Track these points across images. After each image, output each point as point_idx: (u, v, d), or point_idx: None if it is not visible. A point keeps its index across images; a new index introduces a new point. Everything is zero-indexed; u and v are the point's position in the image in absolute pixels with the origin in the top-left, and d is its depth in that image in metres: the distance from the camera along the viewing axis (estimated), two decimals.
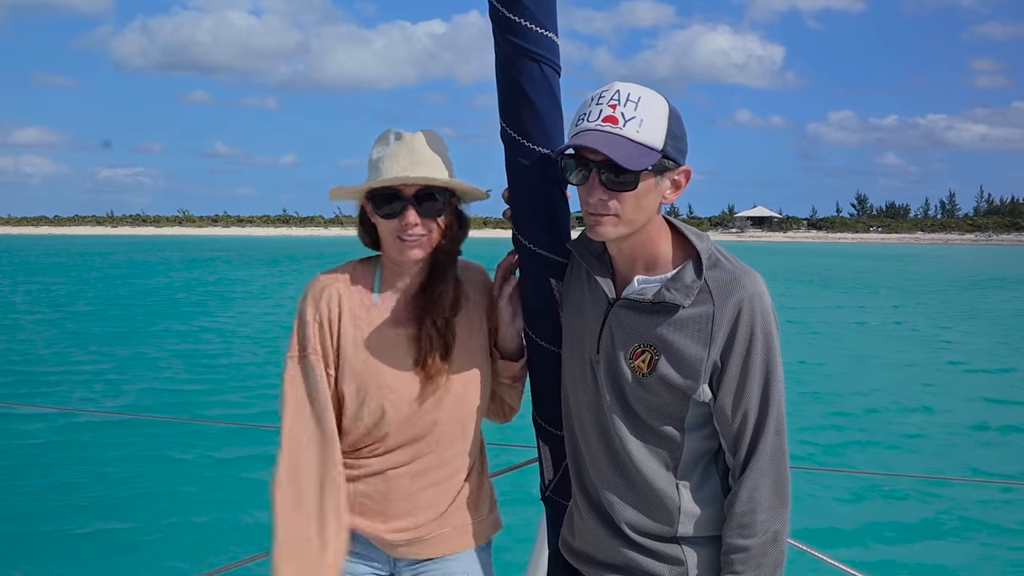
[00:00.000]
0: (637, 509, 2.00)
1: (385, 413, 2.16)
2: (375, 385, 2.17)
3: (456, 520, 2.25)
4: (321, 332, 2.18)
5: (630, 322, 1.97)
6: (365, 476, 2.20)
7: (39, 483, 9.59)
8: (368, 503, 2.20)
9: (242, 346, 20.18)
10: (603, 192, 1.88)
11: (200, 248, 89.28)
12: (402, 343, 2.20)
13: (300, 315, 2.20)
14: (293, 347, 2.19)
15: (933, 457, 11.14)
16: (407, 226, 2.10)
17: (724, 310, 1.89)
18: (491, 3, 2.12)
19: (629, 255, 2.00)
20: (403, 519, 2.20)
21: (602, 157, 1.84)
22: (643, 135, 1.85)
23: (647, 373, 1.93)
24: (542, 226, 2.20)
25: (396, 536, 2.20)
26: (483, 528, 2.32)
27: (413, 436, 2.19)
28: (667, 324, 1.92)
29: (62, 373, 16.28)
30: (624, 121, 1.85)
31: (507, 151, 2.19)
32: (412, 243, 2.12)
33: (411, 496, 2.20)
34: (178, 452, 10.82)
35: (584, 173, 1.91)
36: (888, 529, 8.49)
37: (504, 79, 2.16)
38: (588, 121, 1.88)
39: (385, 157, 2.13)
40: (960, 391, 15.51)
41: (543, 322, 2.23)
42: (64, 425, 11.92)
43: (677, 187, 1.97)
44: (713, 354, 1.89)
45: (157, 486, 9.54)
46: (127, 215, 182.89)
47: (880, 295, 34.46)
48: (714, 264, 1.93)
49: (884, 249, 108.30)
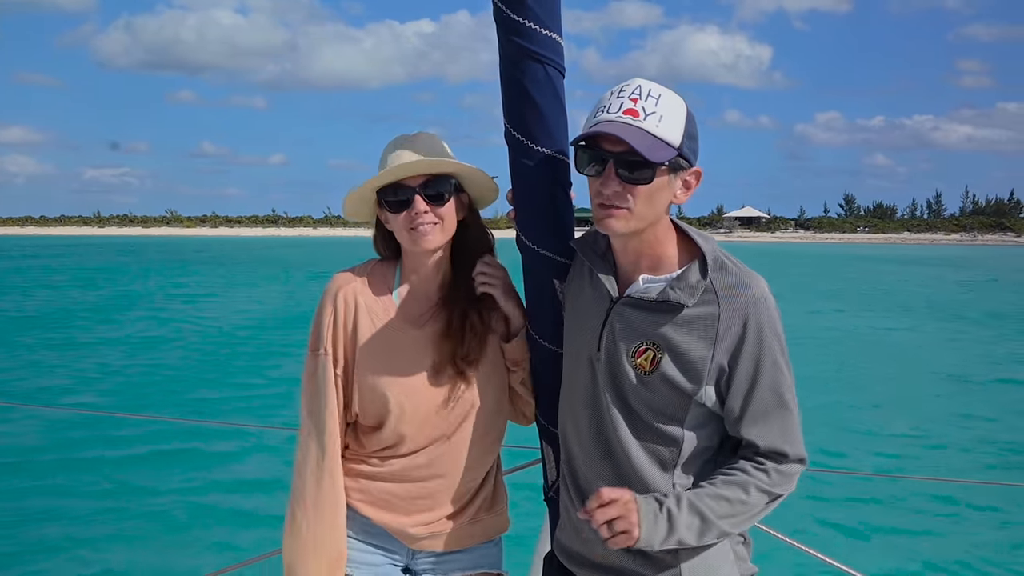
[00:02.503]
0: None
1: (407, 415, 2.19)
2: (396, 385, 2.19)
3: (475, 515, 2.31)
4: (335, 331, 2.20)
5: (633, 320, 1.97)
6: (389, 475, 2.24)
7: (38, 483, 9.55)
8: (393, 500, 2.24)
9: (241, 345, 20.14)
10: (618, 184, 1.88)
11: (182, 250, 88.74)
12: (423, 342, 2.22)
13: (317, 313, 2.23)
14: (310, 344, 2.24)
15: (932, 459, 11.19)
16: (417, 215, 2.13)
17: (730, 312, 1.89)
18: (495, 4, 2.12)
19: (634, 254, 2.00)
20: (426, 513, 2.25)
21: (620, 148, 1.85)
22: (662, 130, 1.87)
23: (649, 372, 1.94)
24: (546, 227, 2.20)
25: (419, 530, 2.25)
26: (500, 523, 2.38)
27: (436, 435, 2.22)
28: (671, 324, 1.92)
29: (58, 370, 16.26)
30: (645, 115, 1.86)
31: (511, 152, 2.20)
32: (425, 231, 2.14)
33: (435, 494, 2.25)
34: (177, 452, 10.81)
35: (599, 165, 1.91)
36: (889, 530, 8.54)
37: (508, 80, 2.16)
38: (608, 113, 1.89)
39: (389, 158, 2.18)
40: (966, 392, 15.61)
41: (546, 323, 2.23)
42: (60, 424, 11.89)
43: (687, 187, 1.98)
44: (718, 357, 1.90)
45: (156, 486, 9.52)
46: (114, 215, 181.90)
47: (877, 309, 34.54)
48: (720, 266, 1.94)
49: (871, 249, 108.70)
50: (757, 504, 1.91)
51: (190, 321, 24.97)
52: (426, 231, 2.14)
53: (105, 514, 8.68)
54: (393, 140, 2.23)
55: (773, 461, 1.92)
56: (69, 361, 17.67)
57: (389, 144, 2.23)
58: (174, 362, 17.82)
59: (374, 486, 2.24)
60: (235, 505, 8.99)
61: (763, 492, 1.90)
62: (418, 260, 2.24)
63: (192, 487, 9.56)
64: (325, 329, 2.21)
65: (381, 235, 2.30)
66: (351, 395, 2.23)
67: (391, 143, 2.22)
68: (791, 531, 1.93)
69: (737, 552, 2.05)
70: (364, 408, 2.22)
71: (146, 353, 18.85)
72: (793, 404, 1.95)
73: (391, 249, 2.30)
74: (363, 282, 2.25)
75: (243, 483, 9.65)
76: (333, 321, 2.21)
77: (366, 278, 2.26)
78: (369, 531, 2.26)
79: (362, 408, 2.23)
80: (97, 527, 8.34)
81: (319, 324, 2.22)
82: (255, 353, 18.95)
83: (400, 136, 2.24)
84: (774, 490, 1.91)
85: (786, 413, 1.93)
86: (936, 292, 38.88)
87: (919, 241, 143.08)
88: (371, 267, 2.29)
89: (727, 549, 2.02)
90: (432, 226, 2.15)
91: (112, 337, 21.41)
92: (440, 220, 2.16)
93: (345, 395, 2.23)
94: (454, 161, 2.18)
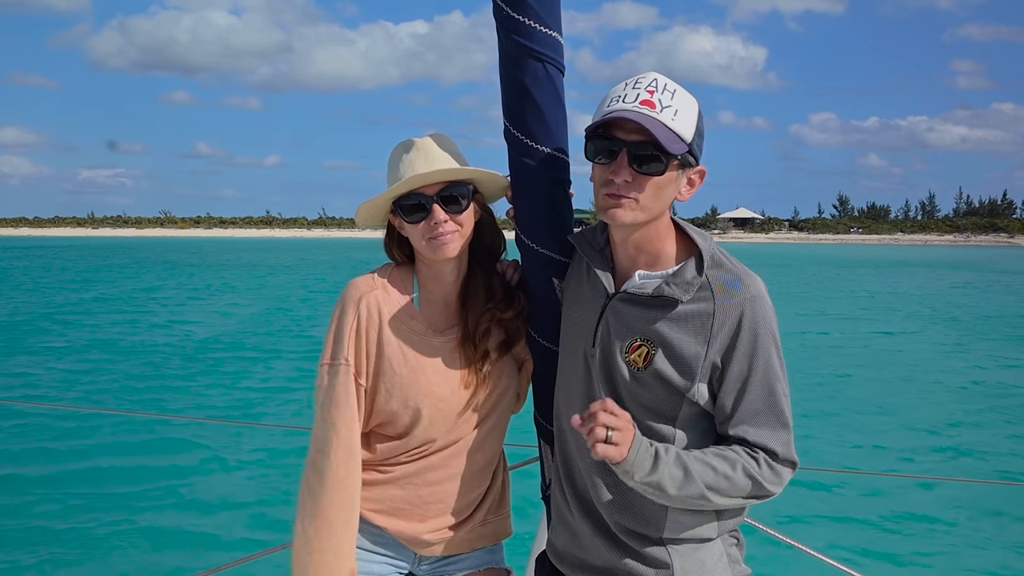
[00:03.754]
0: (623, 508, 1.99)
1: (434, 422, 2.16)
2: (425, 394, 2.14)
3: (485, 517, 2.29)
4: (358, 340, 2.13)
5: (628, 316, 1.97)
6: (402, 480, 2.20)
7: (37, 483, 9.50)
8: (405, 507, 2.20)
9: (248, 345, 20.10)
10: (629, 173, 1.87)
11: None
12: (447, 348, 2.18)
13: (337, 321, 2.15)
14: (326, 353, 2.15)
15: (926, 457, 11.21)
16: (437, 224, 2.08)
17: (726, 310, 1.89)
18: (495, 2, 2.12)
19: (633, 248, 1.99)
20: (439, 518, 2.22)
21: (636, 137, 1.84)
22: (677, 124, 1.86)
23: (642, 367, 1.93)
24: (546, 226, 2.19)
25: (434, 535, 2.22)
26: (505, 526, 2.36)
27: (454, 438, 2.20)
28: (665, 319, 1.92)
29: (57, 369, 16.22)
30: (661, 107, 1.86)
31: (511, 151, 2.19)
32: (445, 240, 2.09)
33: (447, 497, 2.22)
34: (177, 451, 10.77)
35: (611, 153, 1.89)
36: (883, 528, 8.54)
37: (508, 78, 2.16)
38: (624, 102, 1.87)
39: (401, 165, 2.11)
40: (962, 392, 15.64)
41: (545, 321, 2.23)
42: (63, 422, 11.85)
43: (692, 185, 1.98)
44: (712, 354, 1.89)
45: (155, 485, 9.48)
46: (108, 216, 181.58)
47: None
48: (716, 264, 1.94)
49: (865, 251, 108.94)
50: (741, 484, 1.87)
51: (171, 322, 24.90)
52: (446, 240, 2.08)
53: (104, 515, 8.65)
54: (402, 144, 2.16)
55: (765, 454, 1.91)
56: (46, 361, 17.57)
57: (399, 148, 2.16)
58: (148, 362, 17.71)
59: (386, 494, 2.20)
60: (235, 503, 8.97)
61: (749, 477, 1.87)
62: (436, 265, 2.17)
63: (193, 485, 9.53)
64: (347, 338, 2.12)
65: (394, 240, 2.22)
66: (372, 405, 2.16)
67: (402, 147, 2.15)
68: (785, 530, 1.92)
69: (730, 554, 2.04)
70: (392, 418, 2.16)
71: (119, 353, 18.74)
72: (786, 405, 1.93)
73: (405, 254, 2.23)
74: (384, 289, 2.17)
75: (246, 480, 9.63)
76: (356, 330, 2.12)
77: (386, 285, 2.18)
78: (378, 540, 2.23)
79: (389, 418, 2.16)
80: (96, 527, 8.30)
81: (339, 333, 2.13)
82: (234, 356, 18.89)
83: (410, 141, 2.15)
84: (761, 480, 1.88)
85: (778, 413, 1.92)
86: (910, 296, 38.92)
87: (912, 242, 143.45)
88: (389, 273, 2.22)
89: (720, 551, 2.02)
90: (452, 235, 2.09)
91: (99, 338, 21.30)
92: (459, 227, 2.11)
93: (365, 406, 2.16)
94: (472, 168, 2.13)
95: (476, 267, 2.23)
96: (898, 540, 8.28)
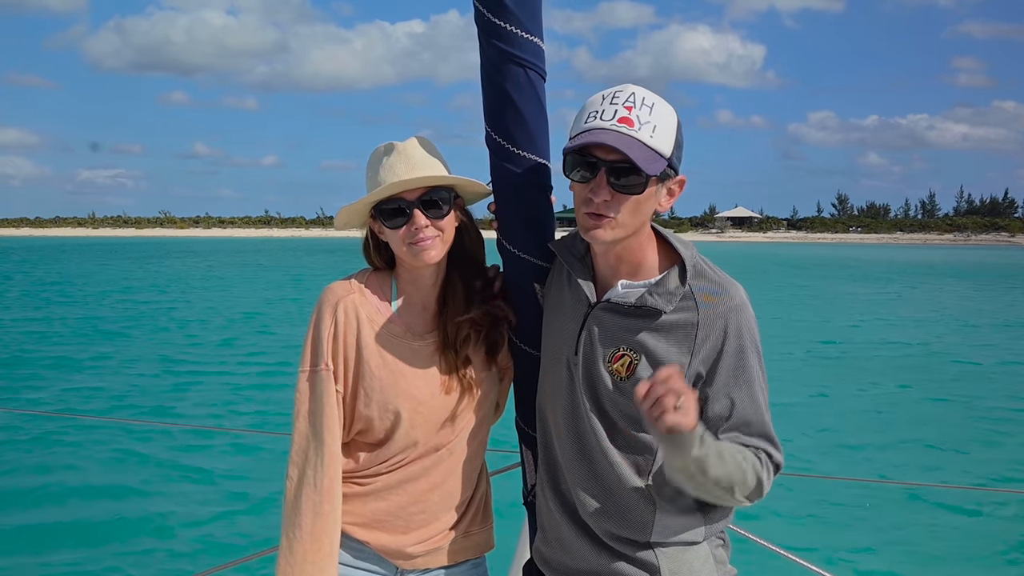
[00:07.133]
0: (611, 514, 1.98)
1: (414, 426, 2.12)
2: (404, 397, 2.11)
3: (468, 528, 2.26)
4: (335, 345, 2.10)
5: (610, 325, 1.96)
6: (383, 491, 2.16)
7: (37, 485, 9.50)
8: (387, 519, 2.16)
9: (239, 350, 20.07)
10: (608, 192, 1.85)
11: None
12: (426, 353, 2.15)
13: (314, 327, 2.11)
14: (305, 360, 2.11)
15: (917, 464, 11.20)
16: (418, 229, 2.06)
17: (709, 320, 1.88)
18: (476, 7, 2.11)
19: (614, 259, 1.98)
20: (423, 529, 2.18)
21: (614, 157, 1.82)
22: (655, 141, 1.84)
23: (625, 377, 1.92)
24: (527, 231, 2.19)
25: (418, 547, 2.18)
26: (488, 539, 2.33)
27: (435, 445, 2.17)
28: (648, 329, 1.91)
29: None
30: (639, 124, 1.83)
31: (492, 156, 2.19)
32: (426, 245, 2.07)
33: (430, 507, 2.18)
34: (176, 454, 10.79)
35: (590, 171, 1.87)
36: (868, 535, 8.53)
37: (489, 84, 2.15)
38: (601, 119, 1.85)
39: (382, 170, 2.09)
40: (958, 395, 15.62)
41: (527, 327, 2.22)
42: (60, 427, 11.84)
43: (671, 195, 1.96)
44: (696, 364, 1.88)
45: (154, 488, 9.50)
46: (108, 216, 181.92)
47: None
48: (699, 273, 1.93)
49: (861, 251, 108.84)
50: (749, 479, 1.84)
51: (162, 324, 24.87)
52: (427, 246, 2.06)
53: (104, 514, 8.68)
54: (383, 147, 2.12)
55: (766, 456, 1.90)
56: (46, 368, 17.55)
57: (378, 152, 2.12)
58: (138, 366, 17.67)
59: (367, 507, 2.16)
60: (231, 505, 8.97)
61: (756, 473, 1.85)
62: (416, 271, 2.15)
63: (190, 489, 9.54)
64: (325, 343, 2.09)
65: (373, 245, 2.20)
66: (352, 411, 2.13)
67: (381, 151, 2.11)
68: (771, 536, 1.92)
69: (716, 555, 2.04)
70: (371, 424, 2.13)
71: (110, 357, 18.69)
72: (767, 411, 1.93)
73: (384, 260, 2.21)
74: (361, 293, 2.14)
75: (240, 484, 9.63)
76: (333, 335, 2.09)
77: (364, 289, 2.15)
78: (359, 555, 2.18)
79: (369, 424, 2.13)
80: (96, 526, 8.32)
81: (317, 338, 2.10)
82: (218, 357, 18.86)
83: (391, 144, 2.11)
84: (762, 480, 1.86)
85: (763, 420, 1.92)
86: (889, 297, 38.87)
87: (912, 241, 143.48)
88: (367, 277, 2.19)
89: (707, 552, 2.02)
90: (433, 240, 2.07)
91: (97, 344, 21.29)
92: (440, 232, 2.08)
93: (345, 413, 2.13)
94: (453, 176, 2.10)
95: (455, 271, 2.20)
96: (877, 546, 8.25)
